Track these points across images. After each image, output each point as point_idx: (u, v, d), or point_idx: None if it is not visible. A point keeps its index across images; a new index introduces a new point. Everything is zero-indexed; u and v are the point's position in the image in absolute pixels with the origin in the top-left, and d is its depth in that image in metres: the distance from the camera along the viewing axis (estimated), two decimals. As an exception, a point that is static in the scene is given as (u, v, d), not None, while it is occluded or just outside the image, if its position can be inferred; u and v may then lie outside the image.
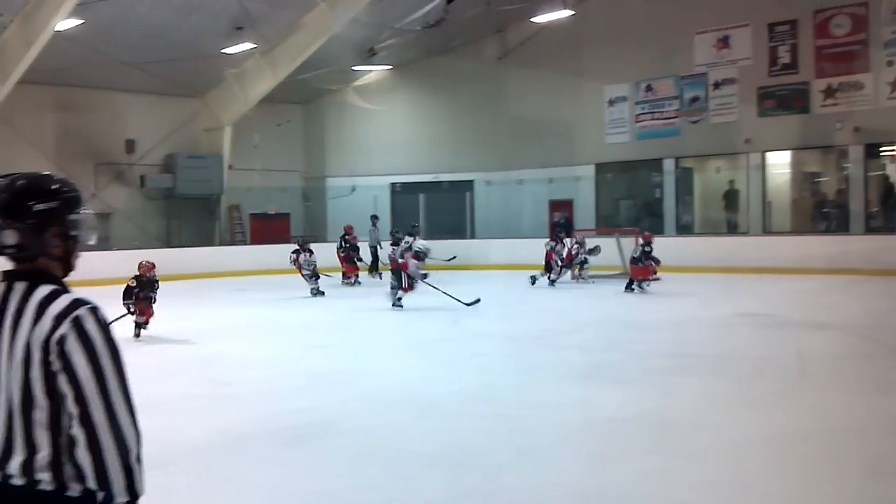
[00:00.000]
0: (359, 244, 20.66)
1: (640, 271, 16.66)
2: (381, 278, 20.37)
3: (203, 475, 5.57)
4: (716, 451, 5.80)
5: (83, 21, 18.81)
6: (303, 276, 17.47)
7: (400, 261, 14.85)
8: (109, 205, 24.49)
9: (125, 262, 21.95)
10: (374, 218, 23.45)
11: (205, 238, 26.07)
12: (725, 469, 5.43)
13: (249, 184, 26.54)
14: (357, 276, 20.33)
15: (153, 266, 11.90)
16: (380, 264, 21.61)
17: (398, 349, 10.82)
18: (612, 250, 19.78)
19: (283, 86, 24.28)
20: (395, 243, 15.89)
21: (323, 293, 17.32)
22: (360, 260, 20.65)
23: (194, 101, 26.01)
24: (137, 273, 11.67)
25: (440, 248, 18.63)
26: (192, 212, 25.99)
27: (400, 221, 25.43)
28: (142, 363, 8.64)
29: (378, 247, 22.16)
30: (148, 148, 25.22)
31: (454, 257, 19.45)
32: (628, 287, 16.61)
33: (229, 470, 5.65)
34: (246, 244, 26.51)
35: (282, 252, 24.67)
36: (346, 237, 20.73)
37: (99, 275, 20.77)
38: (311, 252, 17.68)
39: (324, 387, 8.32)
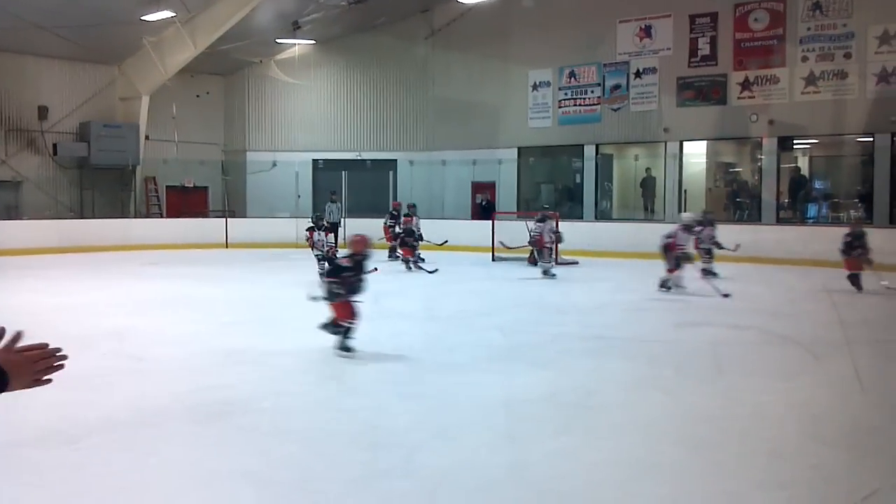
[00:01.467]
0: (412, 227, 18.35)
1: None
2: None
3: (115, 451, 5.46)
4: (627, 432, 5.94)
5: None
6: (315, 256, 15.58)
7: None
8: (20, 172, 23.73)
9: (37, 232, 21.51)
10: (333, 194, 23.49)
11: (119, 209, 25.45)
12: (636, 449, 5.57)
13: (167, 155, 25.98)
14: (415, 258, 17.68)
15: None
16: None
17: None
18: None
19: (203, 56, 23.79)
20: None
21: None
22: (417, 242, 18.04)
23: (110, 68, 25.29)
24: None
25: (363, 227, 18.62)
26: (107, 182, 25.31)
27: (321, 199, 25.27)
28: (53, 336, 8.39)
29: (339, 225, 22.20)
30: (61, 115, 24.44)
31: (446, 241, 19.51)
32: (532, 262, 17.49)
33: (142, 446, 5.56)
34: (162, 217, 25.96)
35: (198, 226, 24.42)
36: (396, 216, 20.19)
37: (9, 244, 20.25)
38: (326, 230, 15.83)
39: (241, 364, 8.23)
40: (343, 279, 8.74)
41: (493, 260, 19.46)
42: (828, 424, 6.06)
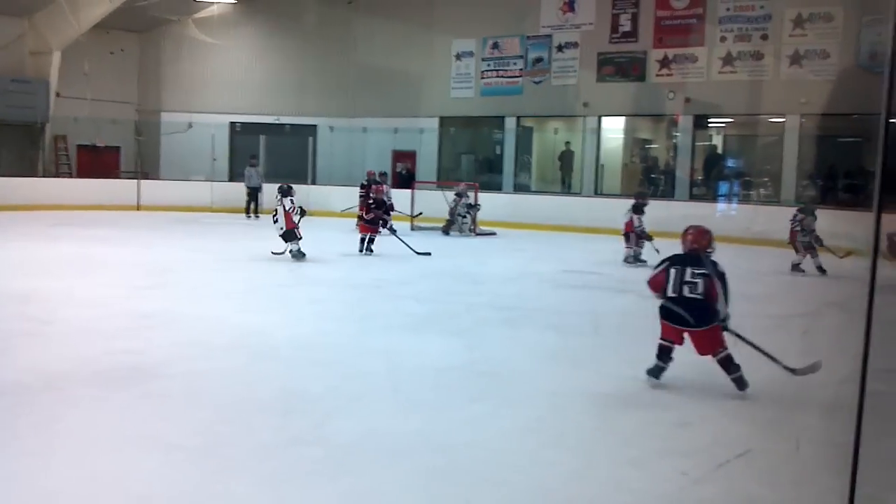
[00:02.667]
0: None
1: None
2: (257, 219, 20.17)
3: (19, 416, 5.32)
4: (538, 400, 6.05)
5: None
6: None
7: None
8: (-82, 126, 22.75)
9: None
10: (253, 158, 23.38)
11: (27, 168, 24.59)
12: (544, 417, 5.67)
13: (78, 114, 25.16)
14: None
15: None
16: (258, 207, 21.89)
17: (233, 293, 10.62)
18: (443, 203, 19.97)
19: (118, 12, 23.10)
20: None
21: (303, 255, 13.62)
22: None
23: (20, 20, 24.30)
24: None
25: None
26: (14, 139, 24.41)
27: (239, 162, 24.89)
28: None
29: (259, 189, 22.19)
30: (-35, 68, 23.45)
31: (420, 213, 19.52)
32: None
33: (47, 411, 5.43)
34: (72, 177, 25.19)
35: (110, 187, 23.79)
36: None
37: None
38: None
39: (151, 329, 8.08)
40: None
41: (413, 230, 19.47)
42: (728, 393, 6.25)
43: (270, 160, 25.40)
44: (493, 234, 19.15)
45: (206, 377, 6.44)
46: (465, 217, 18.91)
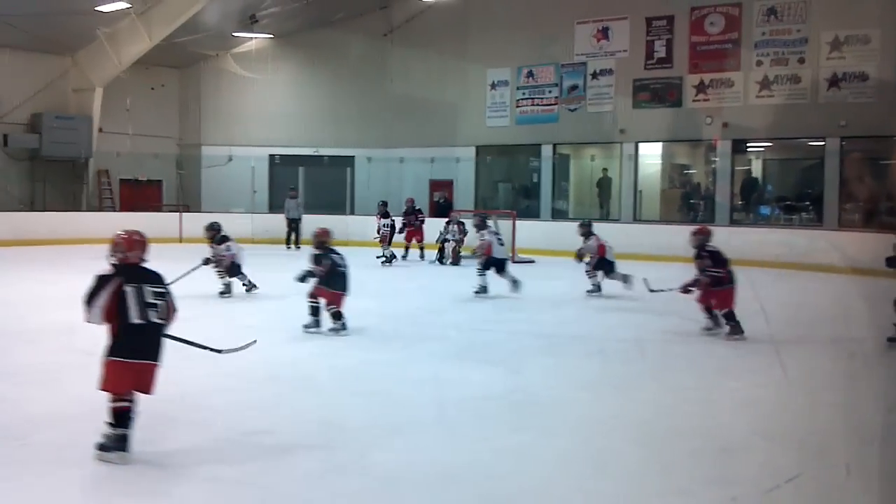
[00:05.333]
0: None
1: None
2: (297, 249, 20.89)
3: (64, 447, 5.38)
4: (581, 429, 6.00)
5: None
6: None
7: None
8: (-32, 164, 23.26)
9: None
10: (292, 190, 23.70)
11: (71, 202, 25.02)
12: (588, 446, 5.62)
13: (120, 148, 25.59)
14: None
15: None
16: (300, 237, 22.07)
17: (271, 325, 10.66)
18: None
19: (158, 49, 23.47)
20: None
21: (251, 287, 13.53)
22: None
23: (64, 59, 24.84)
24: None
25: (318, 222, 18.95)
26: (59, 175, 24.89)
27: (279, 193, 25.11)
28: (2, 331, 8.26)
29: (298, 220, 22.49)
30: (12, 106, 23.95)
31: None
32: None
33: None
34: (115, 210, 25.58)
35: (152, 220, 24.09)
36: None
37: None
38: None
39: (192, 360, 8.10)
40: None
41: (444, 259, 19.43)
42: (776, 421, 6.16)
43: (309, 191, 25.61)
44: (532, 261, 19.08)
45: (247, 408, 6.47)
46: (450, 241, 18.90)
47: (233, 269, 13.09)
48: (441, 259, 18.95)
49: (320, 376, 7.63)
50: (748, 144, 22.26)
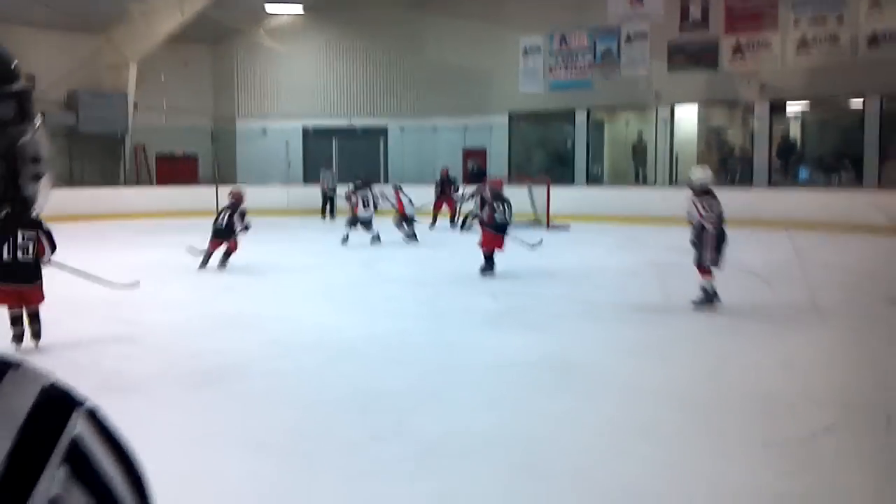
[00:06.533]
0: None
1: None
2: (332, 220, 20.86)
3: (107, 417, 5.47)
4: (619, 395, 5.98)
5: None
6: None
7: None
8: (7, 142, 23.52)
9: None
10: (327, 161, 23.88)
11: (109, 178, 25.29)
12: (630, 411, 5.60)
13: (156, 123, 25.78)
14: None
15: None
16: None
17: (311, 293, 10.77)
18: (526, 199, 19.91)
19: (191, 24, 23.52)
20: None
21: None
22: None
23: (98, 36, 24.99)
24: None
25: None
26: (96, 151, 25.15)
27: (314, 165, 25.19)
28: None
29: (333, 192, 22.27)
30: (49, 83, 24.17)
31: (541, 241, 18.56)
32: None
33: (134, 413, 5.55)
34: (152, 185, 25.83)
35: (189, 194, 24.33)
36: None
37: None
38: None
39: (234, 330, 8.24)
40: None
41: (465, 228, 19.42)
42: (820, 385, 6.10)
43: (343, 163, 25.65)
44: (567, 227, 19.01)
45: (288, 376, 6.54)
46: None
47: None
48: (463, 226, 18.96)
49: (358, 344, 7.67)
50: (787, 105, 21.89)
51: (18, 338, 7.41)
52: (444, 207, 20.37)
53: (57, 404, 0.90)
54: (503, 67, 24.98)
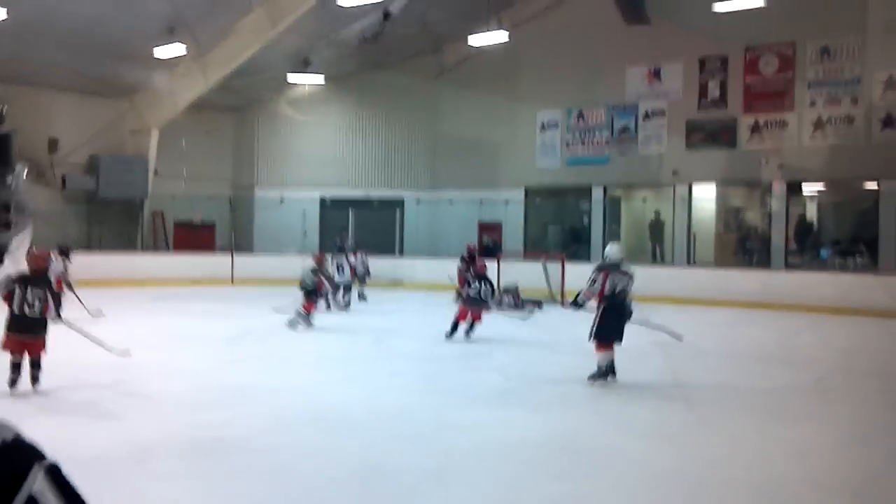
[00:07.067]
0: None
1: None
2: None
3: (102, 489, 5.34)
4: (626, 480, 5.81)
5: (7, 15, 18.25)
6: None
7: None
8: (28, 205, 23.78)
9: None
10: (343, 231, 23.75)
11: (126, 244, 25.45)
12: (635, 498, 5.44)
13: (175, 190, 26.02)
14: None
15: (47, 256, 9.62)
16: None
17: (317, 366, 10.68)
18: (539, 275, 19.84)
19: (214, 92, 23.93)
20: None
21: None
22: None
23: (121, 101, 25.42)
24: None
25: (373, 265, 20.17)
26: (115, 216, 25.36)
27: (329, 235, 25.28)
28: (50, 369, 8.34)
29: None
30: (71, 148, 24.53)
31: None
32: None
33: (131, 484, 5.46)
34: (169, 252, 25.96)
35: (205, 261, 24.43)
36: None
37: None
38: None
39: (237, 401, 8.14)
40: None
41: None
42: (829, 472, 5.92)
43: (359, 233, 25.76)
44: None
45: (288, 450, 6.41)
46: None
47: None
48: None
49: (362, 418, 7.54)
50: (803, 186, 21.87)
51: (13, 382, 8.07)
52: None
53: (17, 459, 0.89)
54: (520, 141, 25.20)
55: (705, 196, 23.34)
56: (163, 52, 22.04)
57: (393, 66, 26.58)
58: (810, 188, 22.19)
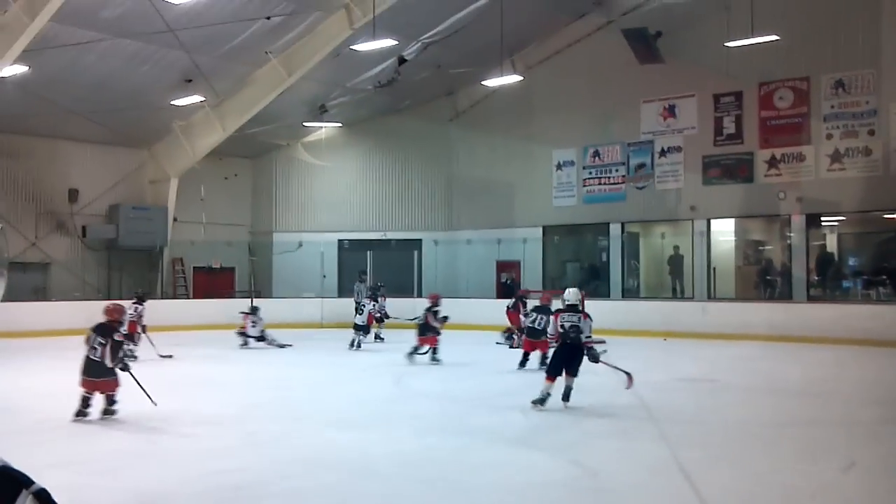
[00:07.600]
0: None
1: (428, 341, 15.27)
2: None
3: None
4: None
5: (29, 68, 18.57)
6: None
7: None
8: (49, 255, 24.02)
9: (64, 314, 21.59)
10: (362, 274, 23.65)
11: (146, 290, 25.54)
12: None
13: (194, 237, 26.19)
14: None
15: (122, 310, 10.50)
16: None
17: (338, 409, 10.61)
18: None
19: (231, 139, 24.16)
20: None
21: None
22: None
23: (140, 151, 25.74)
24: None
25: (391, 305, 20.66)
26: (135, 264, 25.54)
27: (347, 279, 25.31)
28: (68, 418, 8.34)
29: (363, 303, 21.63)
30: (91, 198, 24.80)
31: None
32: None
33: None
34: (188, 298, 26.05)
35: (225, 307, 24.46)
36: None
37: (36, 326, 20.33)
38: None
39: (257, 447, 8.08)
40: None
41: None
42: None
43: (378, 275, 25.78)
44: (602, 342, 18.70)
45: (309, 495, 6.35)
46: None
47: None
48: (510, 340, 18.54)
49: (382, 462, 7.46)
50: (822, 218, 21.75)
51: (79, 413, 9.16)
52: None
53: (6, 485, 1.00)
54: (536, 180, 25.26)
55: (724, 230, 23.26)
56: (181, 102, 22.34)
57: (408, 109, 26.83)
58: (829, 220, 22.06)
